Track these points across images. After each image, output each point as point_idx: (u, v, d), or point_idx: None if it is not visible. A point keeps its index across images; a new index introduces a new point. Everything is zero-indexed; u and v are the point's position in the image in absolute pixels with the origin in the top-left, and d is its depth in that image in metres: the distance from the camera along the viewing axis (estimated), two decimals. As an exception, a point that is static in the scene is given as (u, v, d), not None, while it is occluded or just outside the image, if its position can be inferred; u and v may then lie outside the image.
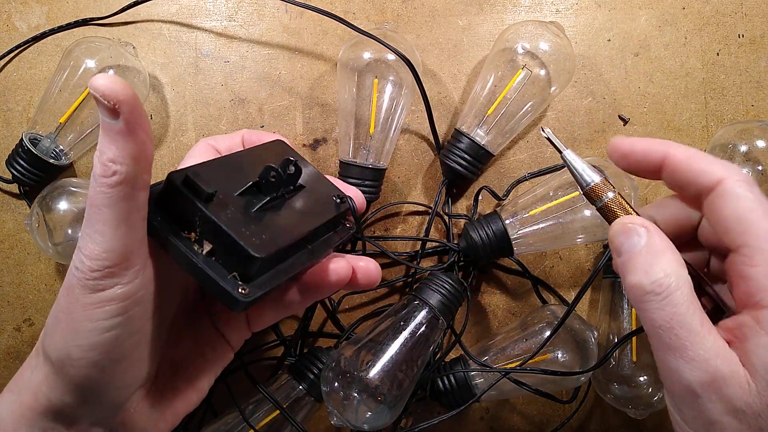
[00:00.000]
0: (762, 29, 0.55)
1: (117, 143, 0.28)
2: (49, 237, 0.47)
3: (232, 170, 0.34)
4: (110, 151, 0.28)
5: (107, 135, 0.28)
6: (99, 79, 0.27)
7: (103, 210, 0.28)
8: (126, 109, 0.27)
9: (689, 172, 0.29)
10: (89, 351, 0.30)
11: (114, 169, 0.28)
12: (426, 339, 0.47)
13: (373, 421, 0.44)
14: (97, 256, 0.29)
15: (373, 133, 0.50)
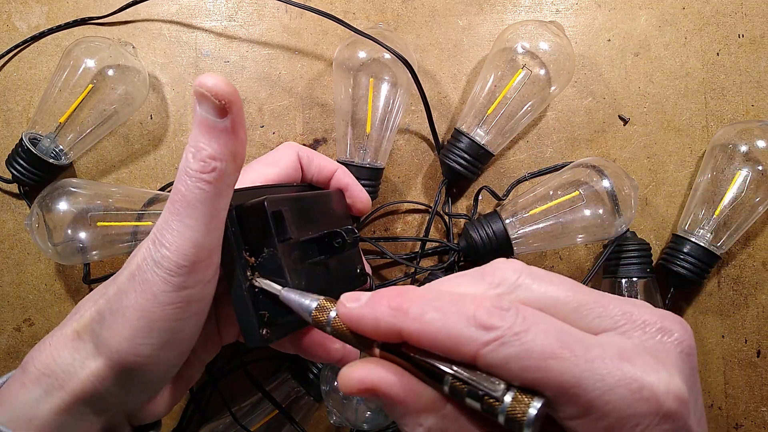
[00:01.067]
0: (762, 29, 0.55)
1: (220, 140, 0.28)
2: (48, 237, 0.47)
3: (305, 213, 0.36)
4: (211, 147, 0.28)
5: (209, 132, 0.28)
6: (209, 79, 0.28)
7: (197, 206, 0.28)
8: (235, 109, 0.29)
9: (437, 349, 0.23)
10: (160, 349, 0.30)
11: (214, 165, 0.28)
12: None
13: (372, 421, 0.44)
14: (186, 251, 0.29)
15: (369, 133, 0.50)
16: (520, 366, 0.22)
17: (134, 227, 0.49)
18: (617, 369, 0.21)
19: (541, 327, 0.22)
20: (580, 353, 0.21)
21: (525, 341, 0.22)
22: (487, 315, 0.22)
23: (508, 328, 0.22)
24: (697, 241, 0.50)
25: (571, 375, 0.21)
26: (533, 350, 0.21)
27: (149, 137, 0.54)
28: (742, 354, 0.54)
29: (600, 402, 0.21)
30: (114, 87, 0.50)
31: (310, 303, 0.28)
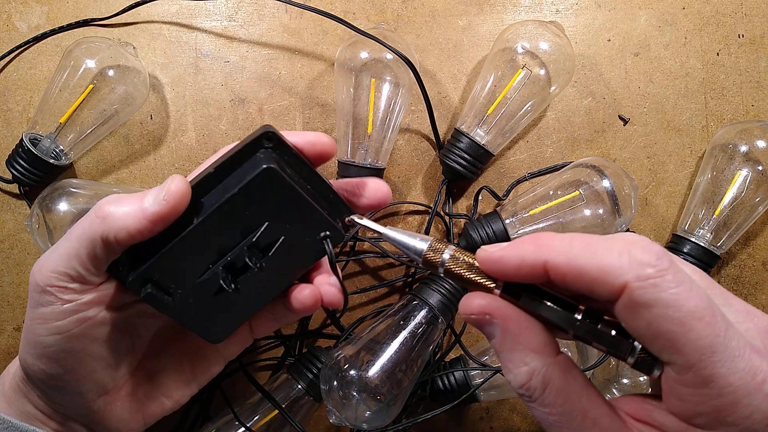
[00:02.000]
0: (762, 29, 0.55)
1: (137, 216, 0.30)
2: (49, 238, 0.47)
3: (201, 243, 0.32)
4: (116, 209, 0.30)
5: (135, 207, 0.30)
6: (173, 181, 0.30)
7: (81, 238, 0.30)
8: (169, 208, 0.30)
9: (581, 281, 0.23)
10: (39, 360, 0.33)
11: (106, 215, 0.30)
12: (426, 338, 0.47)
13: (372, 420, 0.44)
14: (50, 272, 0.31)
15: (371, 133, 0.50)
16: (665, 314, 0.21)
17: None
18: (748, 356, 0.21)
19: (694, 286, 0.22)
20: (722, 328, 0.21)
21: (678, 292, 0.21)
22: (643, 252, 0.22)
23: (664, 271, 0.22)
24: (697, 241, 0.50)
25: (709, 343, 0.21)
26: (684, 304, 0.21)
27: (149, 137, 0.54)
28: (742, 354, 0.54)
29: (723, 381, 0.21)
30: (114, 87, 0.50)
31: (420, 243, 0.28)
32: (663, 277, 0.22)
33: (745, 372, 0.21)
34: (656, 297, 0.22)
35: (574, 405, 0.24)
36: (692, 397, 0.22)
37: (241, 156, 0.32)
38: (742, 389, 0.21)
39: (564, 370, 0.24)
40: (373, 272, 0.54)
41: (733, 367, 0.21)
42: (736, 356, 0.21)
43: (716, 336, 0.21)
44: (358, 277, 0.54)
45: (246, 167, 0.31)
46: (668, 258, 0.23)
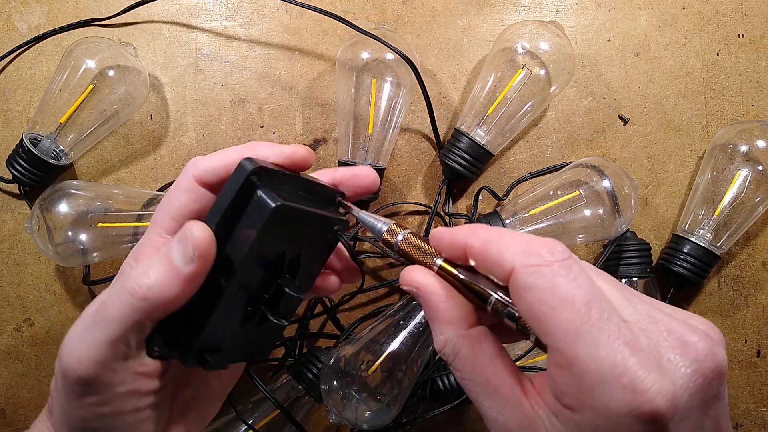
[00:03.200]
0: (762, 29, 0.55)
1: (170, 281, 0.28)
2: (49, 239, 0.47)
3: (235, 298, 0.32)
4: (156, 282, 0.28)
5: (166, 268, 0.28)
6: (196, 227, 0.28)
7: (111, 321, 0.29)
8: (201, 265, 0.29)
9: (486, 263, 0.27)
10: None
11: (146, 295, 0.28)
12: (425, 338, 0.47)
13: (372, 420, 0.44)
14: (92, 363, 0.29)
15: (371, 133, 0.50)
16: (541, 297, 0.24)
17: (134, 228, 0.49)
18: (615, 349, 0.23)
19: (580, 279, 0.24)
20: (595, 318, 0.23)
21: (556, 280, 0.24)
22: (540, 245, 0.25)
23: (552, 262, 0.25)
24: (697, 241, 0.50)
25: (575, 327, 0.23)
26: (558, 291, 0.24)
27: (149, 137, 0.54)
28: (742, 354, 0.54)
29: (583, 365, 0.23)
30: (114, 87, 0.50)
31: (382, 226, 0.32)
32: (549, 266, 0.24)
33: (606, 361, 0.22)
34: (535, 282, 0.24)
35: (480, 373, 0.27)
36: (560, 377, 0.24)
37: (240, 202, 0.30)
38: (599, 376, 0.22)
39: (474, 342, 0.28)
40: (373, 272, 0.54)
41: (594, 354, 0.23)
42: (601, 345, 0.23)
43: (584, 323, 0.23)
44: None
45: (251, 211, 0.30)
46: (564, 255, 0.25)
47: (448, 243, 0.29)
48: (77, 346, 0.29)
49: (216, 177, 0.32)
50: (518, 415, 0.26)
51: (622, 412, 0.22)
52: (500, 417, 0.26)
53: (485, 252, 0.27)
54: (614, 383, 0.22)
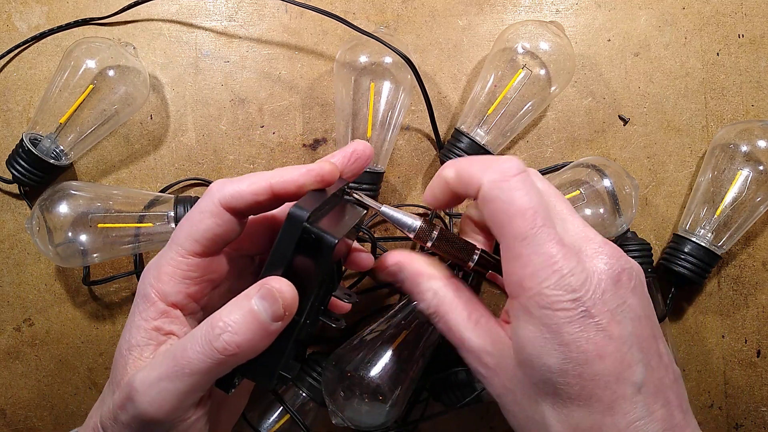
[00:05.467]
0: (762, 29, 0.55)
1: (256, 337, 0.30)
2: (49, 240, 0.47)
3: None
4: (245, 339, 0.29)
5: (254, 327, 0.30)
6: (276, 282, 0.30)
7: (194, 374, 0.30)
8: (287, 319, 0.30)
9: (461, 186, 0.34)
10: None
11: (235, 352, 0.29)
12: (427, 338, 0.47)
13: (374, 421, 0.44)
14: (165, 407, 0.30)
15: (370, 137, 0.50)
16: (500, 208, 0.31)
17: (134, 229, 0.49)
18: (552, 247, 0.30)
19: (531, 193, 0.31)
20: (538, 224, 0.30)
21: (513, 194, 0.31)
22: (499, 163, 0.32)
23: (510, 177, 0.31)
24: (698, 241, 0.50)
25: (523, 231, 0.30)
26: (514, 203, 0.31)
27: (149, 137, 0.54)
28: (742, 354, 0.54)
29: (527, 258, 0.30)
30: (114, 87, 0.50)
31: (414, 222, 0.36)
32: (508, 181, 0.31)
33: (544, 255, 0.30)
34: (497, 195, 0.31)
35: (462, 310, 0.34)
36: (510, 269, 0.31)
37: (298, 248, 0.31)
38: (538, 264, 0.30)
39: (456, 288, 0.35)
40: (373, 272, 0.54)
41: (536, 250, 0.30)
42: (541, 244, 0.30)
43: (530, 228, 0.30)
44: (358, 278, 0.54)
45: (312, 251, 0.31)
46: (519, 169, 0.32)
47: (440, 194, 0.35)
48: (155, 394, 0.30)
49: (243, 203, 0.32)
50: (493, 335, 0.33)
51: (550, 289, 0.30)
52: (481, 343, 0.33)
53: (460, 178, 0.33)
54: (547, 269, 0.30)
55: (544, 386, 0.30)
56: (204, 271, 0.33)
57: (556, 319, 0.29)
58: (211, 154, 0.54)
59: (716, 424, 0.54)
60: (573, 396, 0.30)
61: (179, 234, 0.33)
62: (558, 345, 0.29)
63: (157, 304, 0.33)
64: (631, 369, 0.30)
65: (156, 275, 0.33)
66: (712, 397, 0.54)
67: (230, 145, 0.54)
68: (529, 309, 0.30)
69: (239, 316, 0.29)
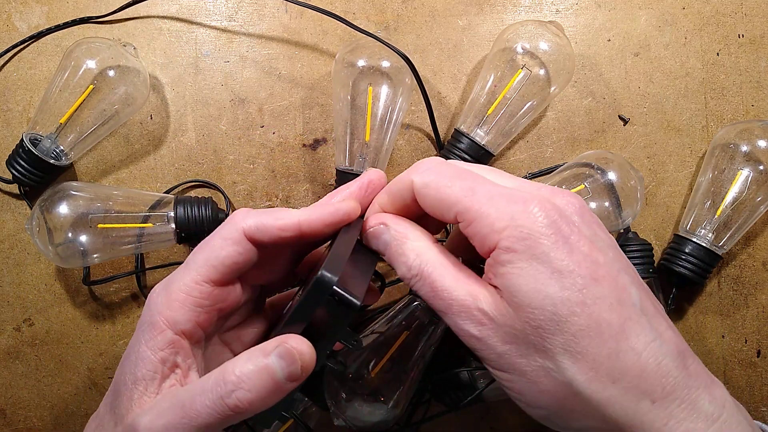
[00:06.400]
0: (762, 29, 0.55)
1: (269, 396, 0.29)
2: (49, 240, 0.47)
3: None
4: (258, 397, 0.29)
5: (268, 386, 0.29)
6: (294, 341, 0.29)
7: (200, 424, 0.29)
8: (303, 377, 0.30)
9: (399, 198, 0.34)
10: None
11: (245, 409, 0.29)
12: (428, 338, 0.47)
13: (376, 422, 0.44)
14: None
15: (368, 141, 0.50)
16: (430, 194, 0.32)
17: (135, 229, 0.49)
18: (494, 198, 0.30)
19: (449, 166, 0.32)
20: (479, 181, 0.31)
21: (437, 173, 0.32)
22: (424, 164, 0.33)
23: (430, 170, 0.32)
24: (699, 241, 0.50)
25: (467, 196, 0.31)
26: (441, 189, 0.31)
27: (149, 137, 0.54)
28: (742, 354, 0.54)
29: (477, 212, 0.30)
30: (115, 88, 0.50)
31: None
32: (434, 165, 0.32)
33: (491, 206, 0.30)
34: (427, 178, 0.32)
35: (447, 265, 0.32)
36: (474, 231, 0.30)
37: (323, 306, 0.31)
38: (487, 213, 0.30)
39: (442, 249, 0.33)
40: (373, 273, 0.54)
41: (493, 197, 0.30)
42: (493, 194, 0.30)
43: (471, 188, 0.31)
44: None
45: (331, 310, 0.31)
46: (439, 162, 0.33)
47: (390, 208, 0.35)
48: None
49: (268, 237, 0.32)
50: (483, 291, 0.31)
51: (525, 218, 0.29)
52: (473, 299, 0.31)
53: (390, 193, 0.35)
54: (514, 205, 0.29)
55: (549, 325, 0.28)
56: (216, 299, 0.33)
57: (542, 247, 0.28)
58: (211, 154, 0.54)
59: (716, 424, 0.54)
60: (582, 327, 0.28)
61: (196, 259, 0.33)
62: (552, 273, 0.28)
63: (166, 333, 0.32)
64: (626, 291, 0.29)
65: (166, 302, 0.32)
66: (712, 397, 0.54)
67: (230, 145, 0.54)
68: (511, 248, 0.29)
69: (253, 373, 0.29)
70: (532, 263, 0.28)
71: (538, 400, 0.30)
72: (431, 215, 0.33)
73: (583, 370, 0.28)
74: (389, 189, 0.35)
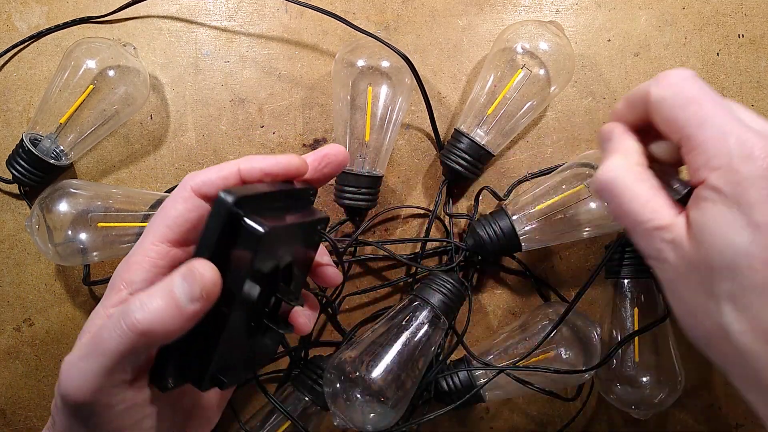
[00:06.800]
0: (762, 29, 0.55)
1: (170, 319, 0.29)
2: (49, 239, 0.47)
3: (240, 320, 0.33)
4: (156, 318, 0.29)
5: (169, 307, 0.29)
6: (201, 265, 0.29)
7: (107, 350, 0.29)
8: (205, 304, 0.29)
9: (631, 107, 0.35)
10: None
11: (144, 330, 0.29)
12: (428, 339, 0.47)
13: (376, 422, 0.44)
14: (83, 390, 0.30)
15: (368, 141, 0.50)
16: (667, 106, 0.32)
17: (134, 228, 0.49)
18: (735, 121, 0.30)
19: (697, 83, 0.32)
20: (718, 105, 0.31)
21: (682, 88, 0.32)
22: (670, 75, 0.33)
23: (674, 85, 0.32)
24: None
25: (701, 119, 0.30)
26: (684, 94, 0.31)
27: (149, 137, 0.54)
28: (742, 354, 0.54)
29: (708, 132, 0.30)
30: (115, 88, 0.50)
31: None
32: (675, 83, 0.32)
33: (730, 132, 0.30)
34: (665, 93, 0.32)
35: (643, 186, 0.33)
36: (693, 159, 0.31)
37: (227, 232, 0.31)
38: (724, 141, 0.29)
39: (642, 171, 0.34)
40: (374, 273, 0.55)
41: (720, 129, 0.30)
42: (723, 124, 0.30)
43: (709, 111, 0.30)
44: (359, 279, 0.54)
45: (241, 240, 0.30)
46: (683, 78, 0.32)
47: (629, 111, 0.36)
48: (74, 374, 0.30)
49: (213, 188, 0.33)
50: (672, 214, 0.32)
51: (743, 164, 0.29)
52: (659, 219, 0.32)
53: (628, 100, 0.36)
54: (738, 146, 0.29)
55: (723, 272, 0.29)
56: (173, 260, 0.33)
57: (749, 197, 0.28)
58: (211, 154, 0.54)
59: (717, 424, 0.54)
60: (757, 284, 0.28)
61: (152, 223, 0.34)
62: (747, 225, 0.28)
63: (121, 293, 0.32)
64: None
65: (125, 266, 0.33)
66: (712, 397, 0.54)
67: (230, 145, 0.54)
68: (719, 188, 0.29)
69: (154, 293, 0.29)
70: (733, 209, 0.29)
71: (692, 329, 0.32)
72: (658, 129, 0.33)
73: (741, 322, 0.29)
74: (627, 96, 0.36)
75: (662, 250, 0.31)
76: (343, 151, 0.37)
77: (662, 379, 0.49)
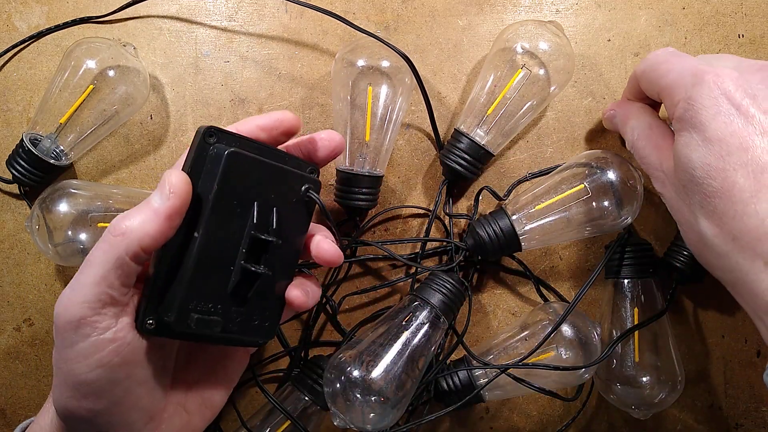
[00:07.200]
0: (762, 29, 0.55)
1: (149, 219, 0.32)
2: (49, 239, 0.47)
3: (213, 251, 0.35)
4: (135, 220, 0.32)
5: (147, 210, 0.32)
6: (173, 174, 0.32)
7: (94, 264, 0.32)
8: (175, 201, 0.32)
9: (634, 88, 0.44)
10: (83, 400, 0.32)
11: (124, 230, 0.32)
12: (428, 338, 0.47)
13: (376, 422, 0.44)
14: (81, 304, 0.31)
15: (368, 141, 0.50)
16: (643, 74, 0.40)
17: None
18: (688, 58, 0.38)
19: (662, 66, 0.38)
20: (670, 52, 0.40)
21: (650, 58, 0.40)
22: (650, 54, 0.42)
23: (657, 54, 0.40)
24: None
25: (659, 62, 0.39)
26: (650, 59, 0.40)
27: (149, 137, 0.54)
28: (742, 354, 0.54)
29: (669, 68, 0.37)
30: (115, 88, 0.50)
31: None
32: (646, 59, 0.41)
33: (684, 65, 0.37)
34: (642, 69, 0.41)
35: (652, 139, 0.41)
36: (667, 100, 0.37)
37: (199, 160, 0.34)
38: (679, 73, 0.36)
39: (651, 123, 0.42)
40: (374, 273, 0.55)
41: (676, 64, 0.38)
42: (679, 61, 0.38)
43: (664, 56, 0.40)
44: (359, 279, 0.54)
45: (209, 166, 0.34)
46: (659, 52, 0.40)
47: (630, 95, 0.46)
48: (65, 294, 0.32)
49: None
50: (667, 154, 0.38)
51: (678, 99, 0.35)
52: (657, 161, 0.39)
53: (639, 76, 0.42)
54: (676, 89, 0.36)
55: (692, 186, 0.34)
56: None
57: (701, 117, 0.33)
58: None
59: (716, 424, 0.54)
60: (716, 189, 0.32)
61: None
62: (703, 141, 0.33)
63: None
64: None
65: None
66: (712, 397, 0.54)
67: (230, 145, 0.54)
68: (680, 117, 0.34)
69: (135, 208, 0.32)
70: (691, 132, 0.34)
71: (691, 244, 0.38)
72: (651, 98, 0.41)
73: (710, 226, 0.33)
74: (630, 78, 0.44)
75: (663, 183, 0.39)
76: (335, 138, 0.40)
77: (662, 379, 0.49)
